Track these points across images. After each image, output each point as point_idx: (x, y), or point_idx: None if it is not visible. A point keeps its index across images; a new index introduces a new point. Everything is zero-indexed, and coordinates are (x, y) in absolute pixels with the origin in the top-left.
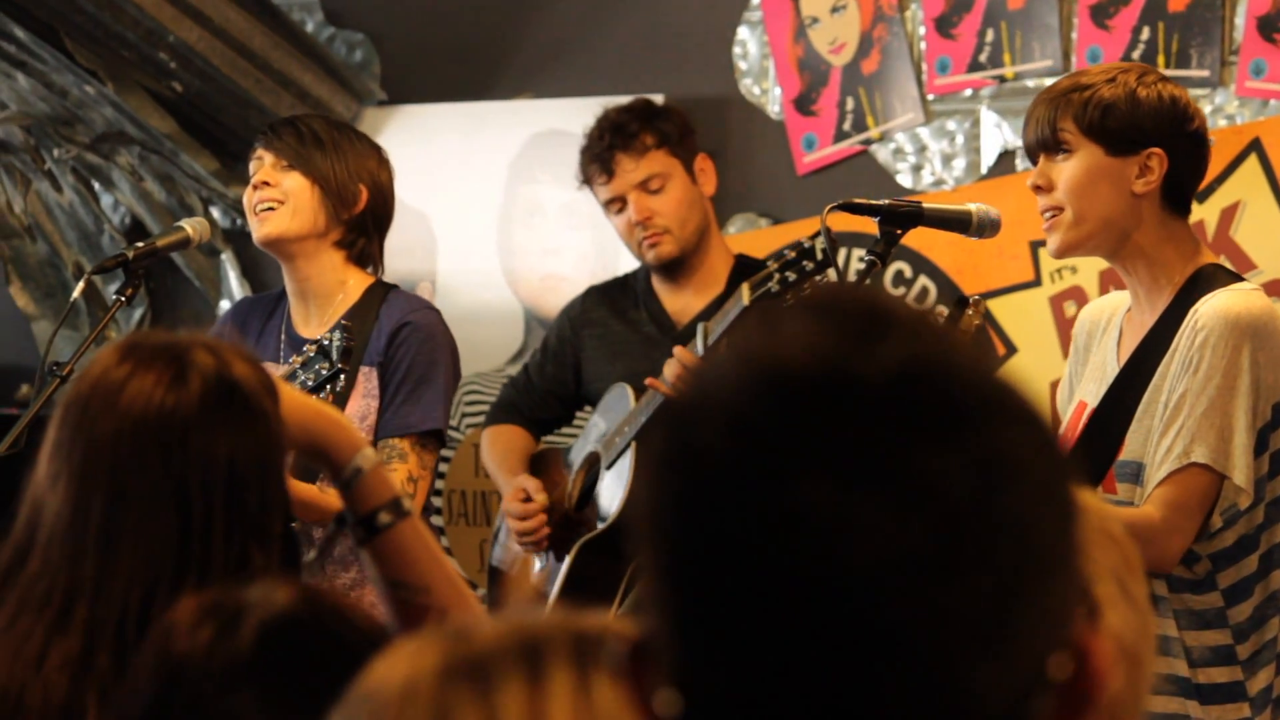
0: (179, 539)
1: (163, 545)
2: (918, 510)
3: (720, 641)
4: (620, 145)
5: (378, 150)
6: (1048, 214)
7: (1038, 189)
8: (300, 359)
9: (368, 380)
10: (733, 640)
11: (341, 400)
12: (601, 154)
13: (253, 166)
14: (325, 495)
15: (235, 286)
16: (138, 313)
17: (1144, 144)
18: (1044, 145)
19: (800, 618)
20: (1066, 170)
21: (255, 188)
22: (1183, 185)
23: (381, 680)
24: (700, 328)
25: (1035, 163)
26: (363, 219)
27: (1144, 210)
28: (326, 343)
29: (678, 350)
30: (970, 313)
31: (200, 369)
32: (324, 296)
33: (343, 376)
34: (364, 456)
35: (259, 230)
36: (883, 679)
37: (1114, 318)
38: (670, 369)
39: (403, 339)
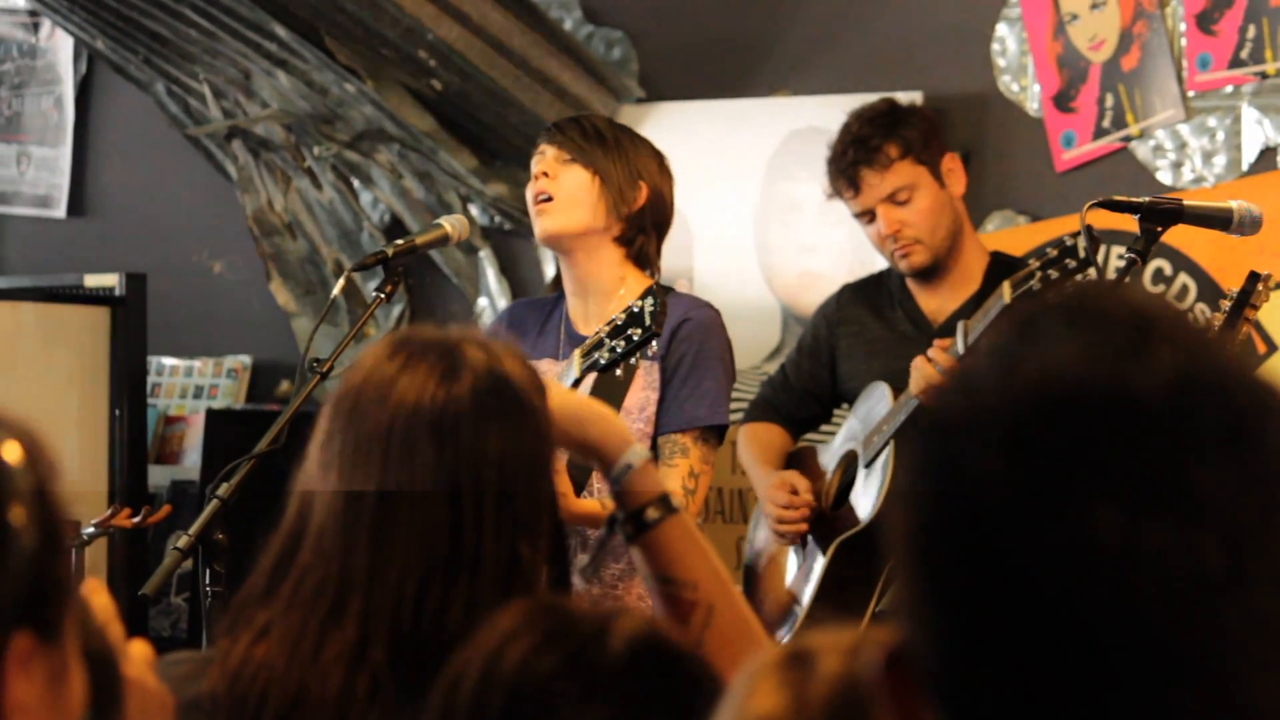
0: (450, 533)
1: (434, 538)
2: (1206, 531)
3: (992, 663)
4: (864, 160)
5: (660, 156)
6: None
7: None
8: (608, 326)
9: (648, 374)
10: (1007, 662)
11: (622, 390)
12: (846, 169)
13: (534, 161)
14: (583, 503)
15: (493, 284)
16: (397, 310)
17: None
18: None
19: (1083, 643)
20: None
21: (535, 178)
22: None
23: (763, 709)
24: (960, 325)
25: None
26: (641, 216)
27: None
28: (638, 309)
29: (925, 357)
30: (1260, 289)
31: (472, 364)
32: (603, 293)
33: (654, 341)
34: (634, 453)
35: (538, 226)
36: (1164, 699)
37: None
38: (916, 381)
39: (684, 335)
